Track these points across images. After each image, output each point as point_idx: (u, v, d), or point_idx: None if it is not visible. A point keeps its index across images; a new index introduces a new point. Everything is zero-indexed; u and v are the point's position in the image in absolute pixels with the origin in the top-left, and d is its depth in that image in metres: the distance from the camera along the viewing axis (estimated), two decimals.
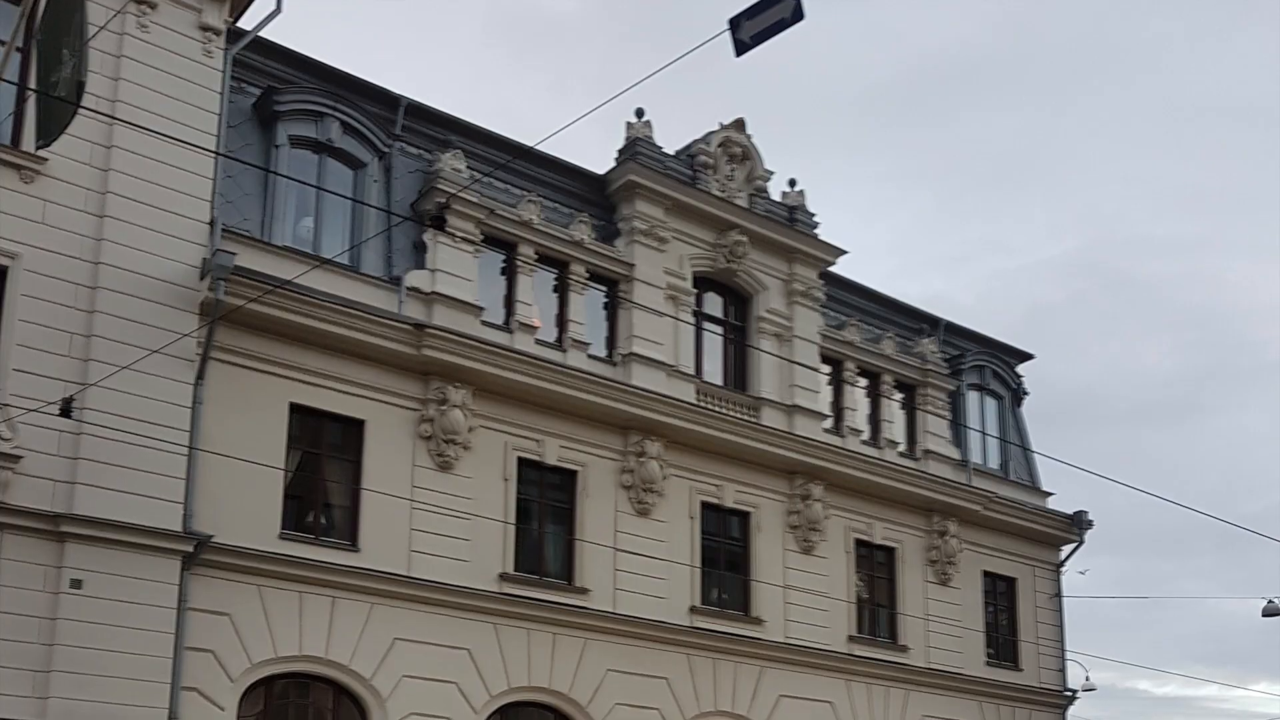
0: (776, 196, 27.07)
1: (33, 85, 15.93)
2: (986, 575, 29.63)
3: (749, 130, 26.75)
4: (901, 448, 28.41)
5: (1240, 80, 69.36)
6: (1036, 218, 73.51)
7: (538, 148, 19.53)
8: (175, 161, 18.67)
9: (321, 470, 20.77)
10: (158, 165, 18.65)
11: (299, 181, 20.97)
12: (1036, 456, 31.52)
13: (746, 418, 25.45)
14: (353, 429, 20.87)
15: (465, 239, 22.03)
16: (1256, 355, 71.62)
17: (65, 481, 17.18)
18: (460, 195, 21.77)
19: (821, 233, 27.18)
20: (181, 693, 17.92)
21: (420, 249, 22.01)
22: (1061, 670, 30.83)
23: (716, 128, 26.40)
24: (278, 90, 21.21)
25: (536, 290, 23.38)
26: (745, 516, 25.55)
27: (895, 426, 28.44)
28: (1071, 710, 30.81)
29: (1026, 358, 32.73)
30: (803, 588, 25.83)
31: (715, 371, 25.97)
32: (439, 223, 21.09)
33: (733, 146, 26.41)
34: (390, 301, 21.27)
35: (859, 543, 27.26)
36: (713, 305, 26.32)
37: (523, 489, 22.57)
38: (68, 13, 13.82)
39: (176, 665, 17.85)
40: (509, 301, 22.94)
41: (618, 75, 66.59)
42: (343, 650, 19.92)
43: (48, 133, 14.54)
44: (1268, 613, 31.78)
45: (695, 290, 25.55)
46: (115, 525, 17.36)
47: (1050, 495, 31.39)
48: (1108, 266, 71.65)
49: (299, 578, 19.60)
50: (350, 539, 20.52)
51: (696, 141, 26.08)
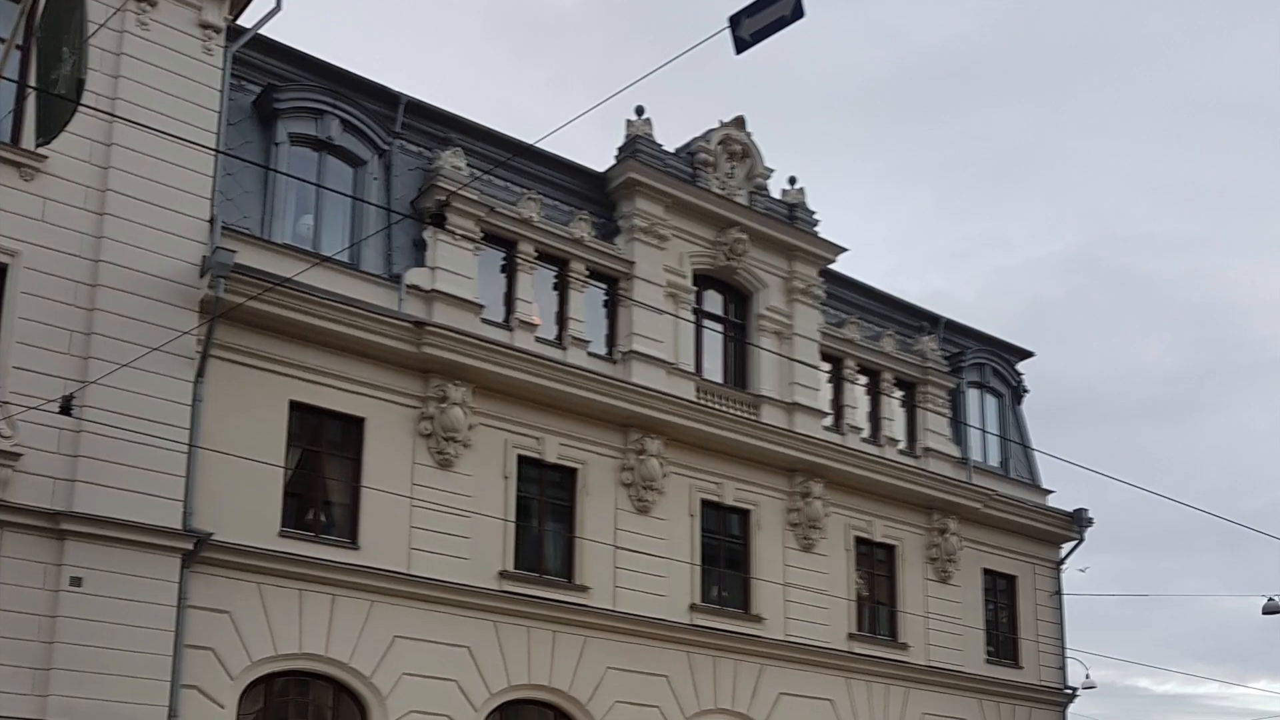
0: (776, 194, 27.06)
1: (33, 83, 15.94)
2: (986, 573, 29.62)
3: (749, 128, 26.74)
4: (901, 445, 28.41)
5: (1240, 77, 69.46)
6: (1037, 215, 73.61)
7: (538, 145, 19.55)
8: (175, 159, 18.67)
9: (321, 468, 20.77)
10: (158, 163, 18.65)
11: (299, 179, 20.97)
12: (1037, 454, 31.54)
13: (746, 415, 25.45)
14: (353, 427, 20.86)
15: (465, 236, 22.02)
16: (1257, 352, 71.71)
17: (65, 479, 17.18)
18: (460, 193, 21.76)
19: (821, 230, 27.20)
20: (181, 690, 17.93)
21: (420, 246, 22.01)
22: (1062, 668, 30.82)
23: (716, 125, 26.39)
24: (278, 88, 21.21)
25: (536, 288, 23.37)
26: (745, 514, 25.55)
27: (895, 424, 28.44)
28: (1071, 708, 30.81)
29: (1026, 355, 32.74)
30: (803, 585, 25.82)
31: (715, 369, 25.96)
32: (439, 220, 21.11)
33: (733, 144, 26.40)
34: (390, 299, 21.26)
35: (859, 540, 27.26)
36: (713, 303, 26.32)
37: (523, 487, 22.57)
38: (68, 10, 13.81)
39: (176, 663, 17.85)
40: (509, 299, 22.94)
41: (618, 73, 66.63)
42: (343, 648, 19.92)
43: (48, 130, 14.54)
44: (1268, 610, 31.79)
45: (695, 288, 25.55)
46: (115, 523, 17.36)
47: (1050, 493, 31.39)
48: (1108, 263, 71.74)
49: (299, 575, 19.60)
50: (350, 537, 20.52)
51: (696, 139, 26.08)
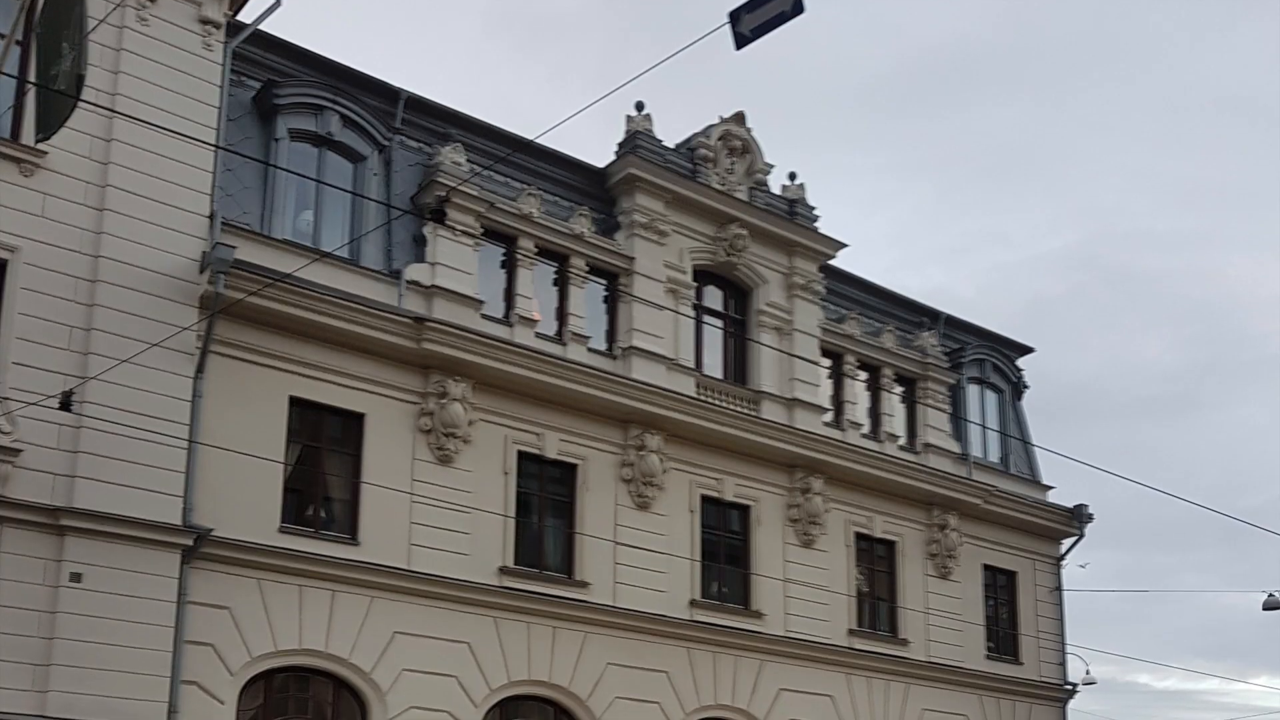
0: (776, 190, 27.04)
1: (32, 78, 15.90)
2: (987, 569, 29.61)
3: (749, 123, 26.73)
4: (902, 441, 28.40)
5: (1240, 75, 69.37)
6: (1036, 211, 73.56)
7: (538, 141, 19.60)
8: (175, 155, 18.66)
9: (321, 464, 20.77)
10: (157, 159, 18.65)
11: (299, 175, 20.95)
12: (1037, 450, 31.52)
13: (746, 411, 25.43)
14: (352, 422, 20.86)
15: (465, 232, 22.02)
16: (1256, 349, 71.67)
17: (65, 475, 17.19)
18: (460, 188, 21.76)
19: (821, 226, 27.18)
20: (181, 686, 17.93)
21: (420, 242, 22.00)
22: (1062, 664, 30.81)
23: (716, 121, 26.38)
24: (277, 84, 21.19)
25: (536, 284, 23.36)
26: (745, 510, 25.54)
27: (895, 420, 28.43)
28: (1072, 704, 30.81)
29: (1027, 351, 32.73)
30: (803, 581, 25.81)
31: (715, 365, 25.95)
32: (439, 216, 21.10)
33: (733, 140, 26.38)
34: (390, 295, 21.26)
35: (859, 536, 27.25)
36: (713, 299, 26.31)
37: (523, 482, 22.56)
38: (67, 6, 13.79)
39: (176, 659, 17.86)
40: (509, 295, 22.93)
41: (618, 68, 66.58)
42: (343, 644, 19.92)
43: (47, 126, 14.52)
44: (1268, 606, 31.75)
45: (695, 284, 25.53)
46: (115, 519, 17.36)
47: (1050, 489, 31.38)
48: (1108, 260, 71.70)
49: (299, 571, 19.60)
50: (350, 532, 20.52)
51: (696, 135, 26.06)
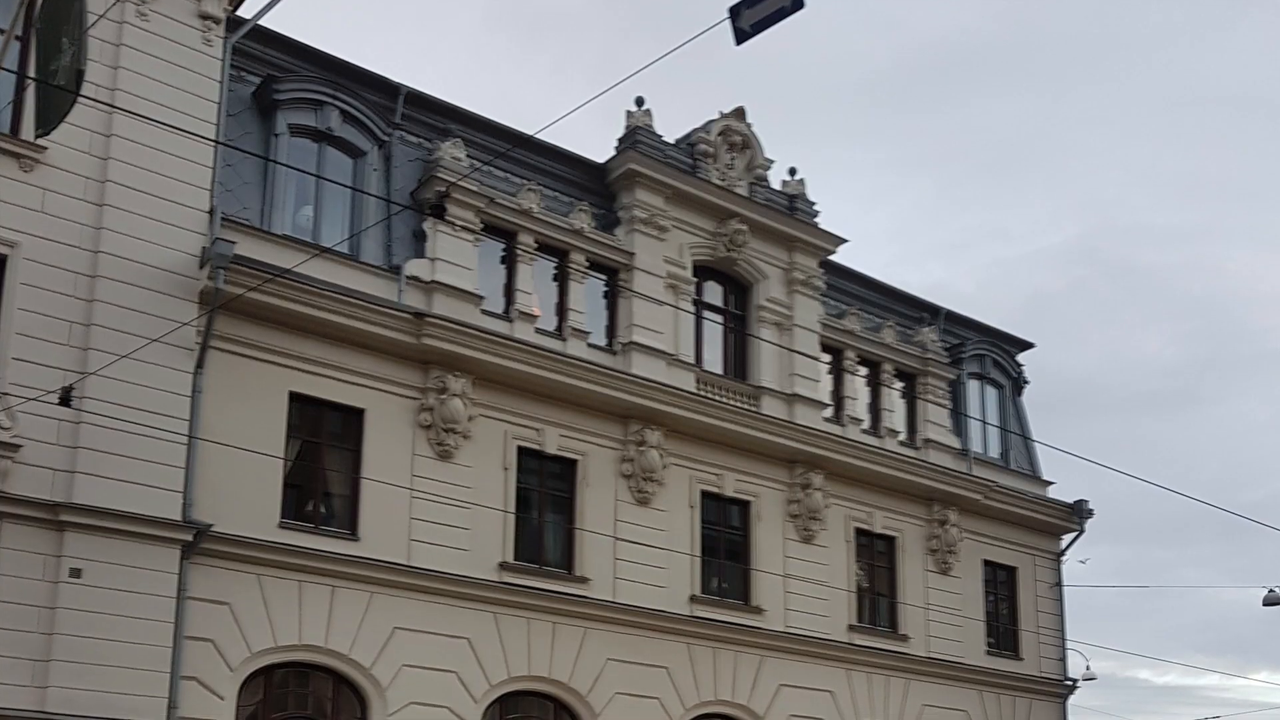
0: (776, 185, 27.02)
1: (32, 74, 15.89)
2: (987, 564, 29.61)
3: (749, 119, 26.72)
4: (902, 437, 28.40)
5: (1241, 70, 69.37)
6: (1037, 206, 73.53)
7: (538, 136, 19.55)
8: (175, 150, 18.66)
9: (321, 459, 20.76)
10: (157, 154, 18.63)
11: (298, 170, 20.94)
12: (1037, 445, 31.53)
13: (747, 407, 25.43)
14: (352, 418, 20.86)
15: (465, 227, 22.01)
16: (1257, 344, 71.70)
17: (65, 470, 17.18)
18: (460, 184, 21.74)
19: (821, 221, 27.17)
20: (181, 682, 17.93)
21: (420, 238, 21.99)
22: (1062, 659, 30.81)
23: (716, 116, 26.36)
24: (277, 79, 21.18)
25: (536, 279, 23.35)
26: (745, 505, 25.54)
27: (895, 415, 28.43)
28: (1072, 699, 30.80)
29: (1027, 346, 32.71)
30: (803, 577, 25.81)
31: (715, 360, 25.94)
32: (439, 211, 21.08)
33: (733, 135, 26.36)
34: (390, 290, 21.25)
35: (859, 532, 27.25)
36: (713, 294, 26.30)
37: (522, 478, 22.56)
38: (67, 2, 13.79)
39: (176, 654, 17.85)
40: (509, 290, 22.92)
41: (618, 64, 66.59)
42: (342, 639, 19.92)
43: (47, 121, 14.52)
44: (1268, 602, 31.75)
45: (695, 279, 25.53)
46: (115, 514, 17.36)
47: (1051, 484, 31.38)
48: (1108, 255, 71.68)
49: (299, 567, 19.60)
50: (350, 528, 20.52)
51: (696, 130, 26.03)
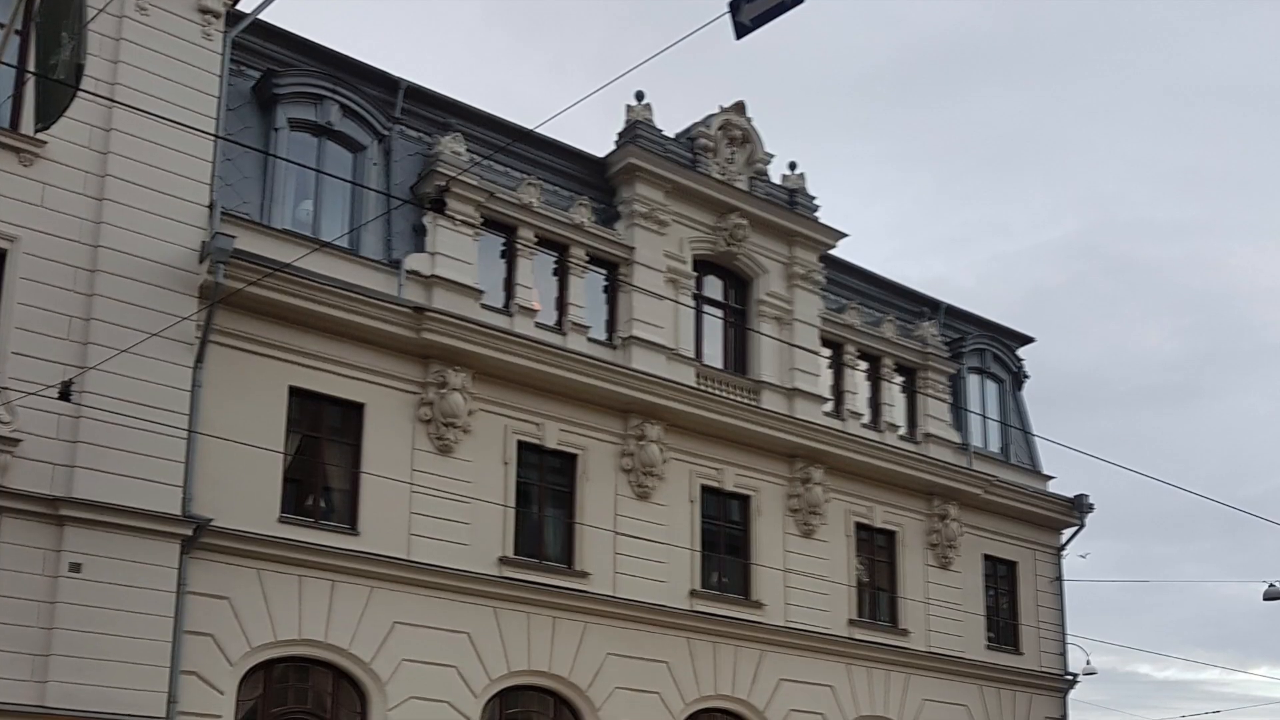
0: (777, 179, 27.01)
1: (32, 68, 15.88)
2: (987, 559, 29.62)
3: (749, 113, 26.69)
4: (902, 431, 28.38)
5: (1241, 63, 69.29)
6: (1037, 200, 73.49)
7: (538, 131, 19.50)
8: (174, 145, 18.64)
9: (321, 454, 20.75)
10: (157, 148, 18.62)
11: (298, 164, 20.91)
12: (1037, 440, 31.52)
13: (747, 401, 25.42)
14: (352, 412, 20.85)
15: (465, 222, 21.98)
16: (1257, 338, 71.68)
17: (64, 465, 17.18)
18: (460, 178, 21.72)
19: (822, 215, 27.15)
20: (181, 677, 17.93)
21: (420, 232, 21.97)
22: (1062, 654, 30.82)
23: (716, 110, 26.34)
24: (277, 73, 21.15)
25: (536, 273, 23.34)
26: (745, 500, 25.53)
27: (896, 410, 28.41)
28: (1072, 694, 30.82)
29: (1027, 341, 32.70)
30: (803, 571, 25.81)
31: (715, 355, 25.92)
32: (439, 206, 21.05)
33: (733, 129, 26.34)
34: (390, 285, 21.23)
35: (859, 526, 27.24)
36: (713, 288, 26.28)
37: (522, 472, 22.55)
38: None
39: (176, 649, 17.86)
40: (509, 285, 22.90)
41: (618, 58, 66.52)
42: (342, 634, 19.92)
43: (46, 116, 14.51)
44: (1269, 596, 31.72)
45: (695, 273, 25.50)
46: (114, 509, 17.36)
47: (1051, 479, 31.37)
48: (1108, 249, 71.65)
49: (298, 561, 19.60)
50: (350, 522, 20.51)
51: (696, 124, 26.02)
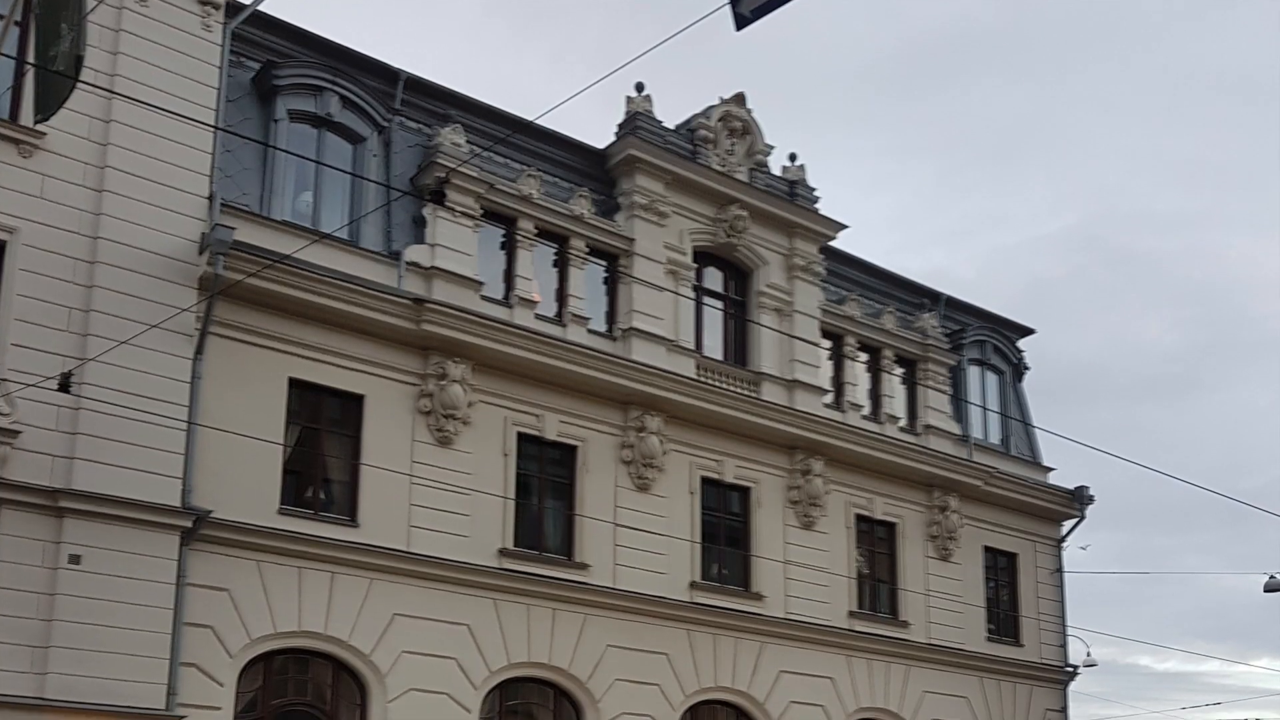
0: (777, 171, 26.98)
1: (31, 59, 15.84)
2: (987, 550, 29.60)
3: (749, 104, 26.66)
4: (902, 423, 28.37)
5: (1242, 55, 69.16)
6: (1037, 192, 73.45)
7: (538, 122, 19.54)
8: (174, 136, 18.62)
9: (321, 445, 20.75)
10: (156, 140, 18.61)
11: (298, 156, 20.91)
12: (1037, 431, 31.51)
13: (747, 393, 25.40)
14: (352, 404, 20.84)
15: (465, 213, 21.97)
16: (1257, 330, 71.68)
17: (64, 456, 17.18)
18: (460, 170, 21.71)
19: (822, 207, 27.13)
20: (180, 668, 17.93)
21: (420, 223, 21.95)
22: (1062, 646, 30.81)
23: (717, 102, 26.31)
24: (277, 64, 21.12)
25: (536, 265, 23.31)
26: (745, 492, 25.52)
27: (896, 401, 28.40)
28: (1072, 686, 30.82)
29: (1027, 332, 32.67)
30: (803, 563, 25.81)
31: (715, 346, 25.91)
32: (438, 197, 21.05)
33: (733, 121, 26.31)
34: (390, 276, 21.21)
35: (859, 518, 27.24)
36: (713, 280, 26.27)
37: (522, 464, 22.54)
38: None
39: (175, 641, 17.85)
40: (509, 276, 22.88)
41: (618, 49, 66.43)
42: (342, 626, 19.92)
43: (46, 107, 14.47)
44: (1269, 588, 31.73)
45: (695, 265, 25.49)
46: (114, 500, 17.35)
47: (1051, 470, 31.36)
48: (1108, 241, 71.64)
49: (298, 553, 19.60)
50: (349, 514, 20.51)
51: (697, 116, 25.98)
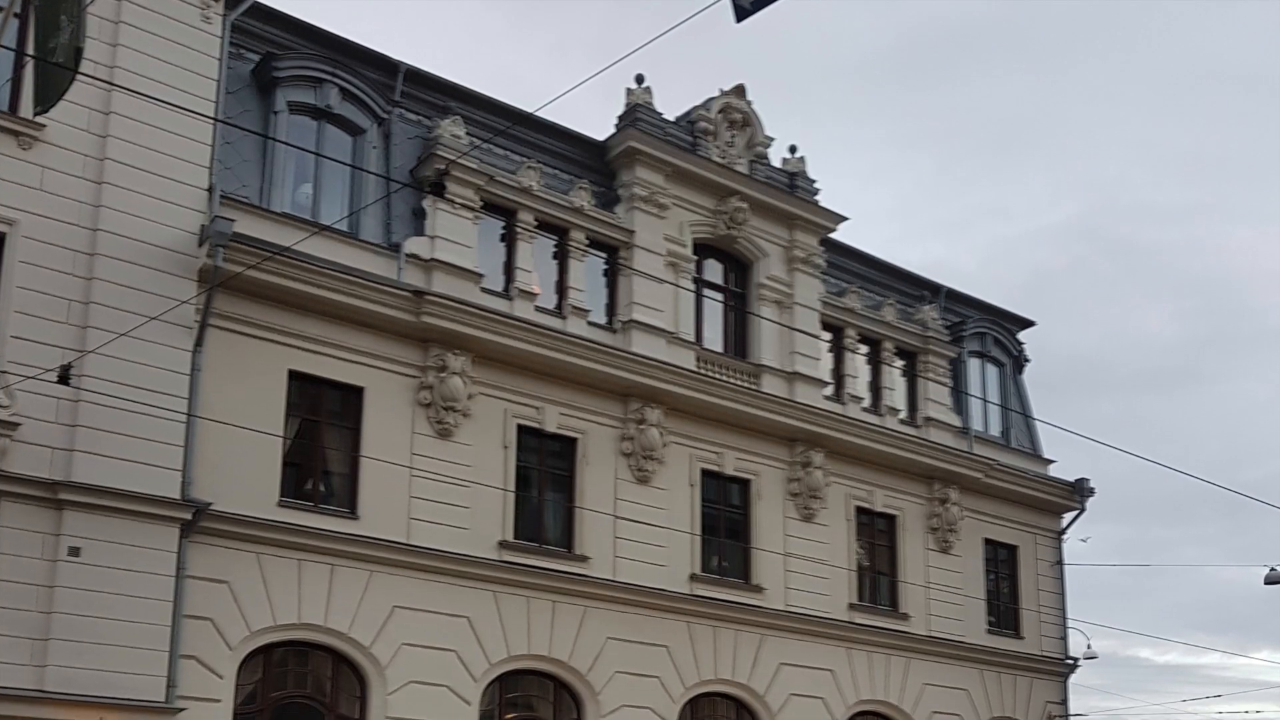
0: (777, 163, 26.95)
1: (31, 51, 15.83)
2: (988, 543, 29.61)
3: (749, 96, 26.62)
4: (902, 415, 28.36)
5: (1242, 46, 69.08)
6: (1037, 183, 73.39)
7: (537, 114, 19.44)
8: (174, 128, 18.60)
9: (320, 437, 20.73)
10: (156, 131, 18.57)
11: (298, 148, 20.87)
12: (1038, 424, 31.50)
13: (747, 385, 25.39)
14: (352, 396, 20.82)
15: (465, 205, 21.94)
16: (1257, 322, 71.68)
17: (63, 449, 17.16)
18: (460, 161, 21.67)
19: (822, 199, 27.10)
20: (180, 661, 17.94)
21: (419, 215, 21.92)
22: (1063, 638, 30.83)
23: (717, 94, 26.26)
24: (276, 56, 21.09)
25: (536, 257, 23.29)
26: (745, 484, 25.52)
27: (896, 394, 28.38)
28: (1073, 678, 30.83)
29: (1028, 324, 32.65)
30: (803, 555, 25.81)
31: (715, 338, 25.90)
32: (438, 189, 21.02)
33: (733, 113, 26.27)
34: (389, 268, 21.19)
35: (860, 510, 27.24)
36: (713, 272, 26.24)
37: (522, 456, 22.53)
38: None
39: (175, 633, 17.86)
40: (508, 268, 22.86)
41: (618, 40, 66.26)
42: (342, 618, 19.92)
43: (46, 99, 14.48)
44: (1270, 580, 31.71)
45: (695, 257, 25.46)
46: (113, 493, 17.34)
47: (1051, 462, 31.36)
48: (1109, 233, 71.59)
49: (298, 545, 19.59)
50: (349, 506, 20.50)
51: (697, 108, 25.95)
